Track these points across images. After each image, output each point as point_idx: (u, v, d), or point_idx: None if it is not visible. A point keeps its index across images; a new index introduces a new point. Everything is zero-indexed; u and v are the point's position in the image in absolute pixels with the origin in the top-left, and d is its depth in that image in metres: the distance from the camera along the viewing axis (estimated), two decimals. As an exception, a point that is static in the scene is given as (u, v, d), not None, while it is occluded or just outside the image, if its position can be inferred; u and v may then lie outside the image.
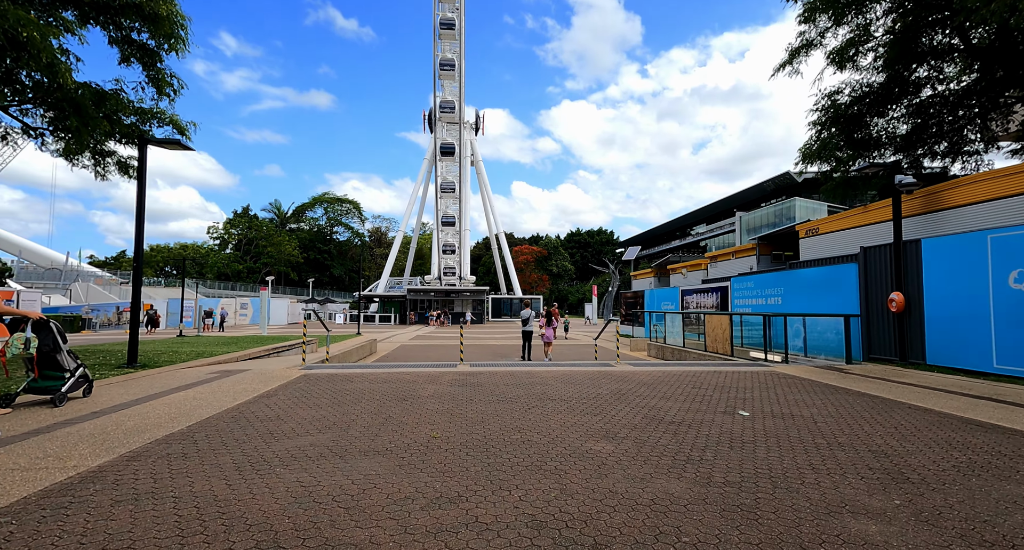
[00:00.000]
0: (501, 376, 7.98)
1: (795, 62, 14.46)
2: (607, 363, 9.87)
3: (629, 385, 7.15)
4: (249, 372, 8.12)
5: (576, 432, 4.56)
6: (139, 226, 8.24)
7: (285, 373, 8.00)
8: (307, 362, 9.37)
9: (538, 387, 6.97)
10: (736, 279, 15.20)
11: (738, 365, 9.43)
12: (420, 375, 8.00)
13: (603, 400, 6.06)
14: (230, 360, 10.33)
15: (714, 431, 4.62)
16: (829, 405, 5.79)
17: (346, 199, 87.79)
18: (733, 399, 6.14)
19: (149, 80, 12.90)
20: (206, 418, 4.97)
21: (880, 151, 16.03)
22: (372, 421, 4.95)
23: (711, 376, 7.97)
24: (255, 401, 5.85)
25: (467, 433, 4.52)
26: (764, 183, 60.17)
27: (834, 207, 55.98)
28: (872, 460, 3.75)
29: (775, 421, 5.01)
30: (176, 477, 3.29)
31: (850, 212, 13.66)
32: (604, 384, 7.22)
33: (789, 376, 8.01)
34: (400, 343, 21.52)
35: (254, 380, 7.33)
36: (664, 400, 6.07)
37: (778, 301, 13.00)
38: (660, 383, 7.30)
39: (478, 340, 22.99)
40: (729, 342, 11.01)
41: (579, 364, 9.68)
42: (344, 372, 8.22)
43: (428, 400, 6.03)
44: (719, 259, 17.89)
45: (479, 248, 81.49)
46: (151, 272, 71.43)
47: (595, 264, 76.60)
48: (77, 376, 5.67)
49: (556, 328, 22.06)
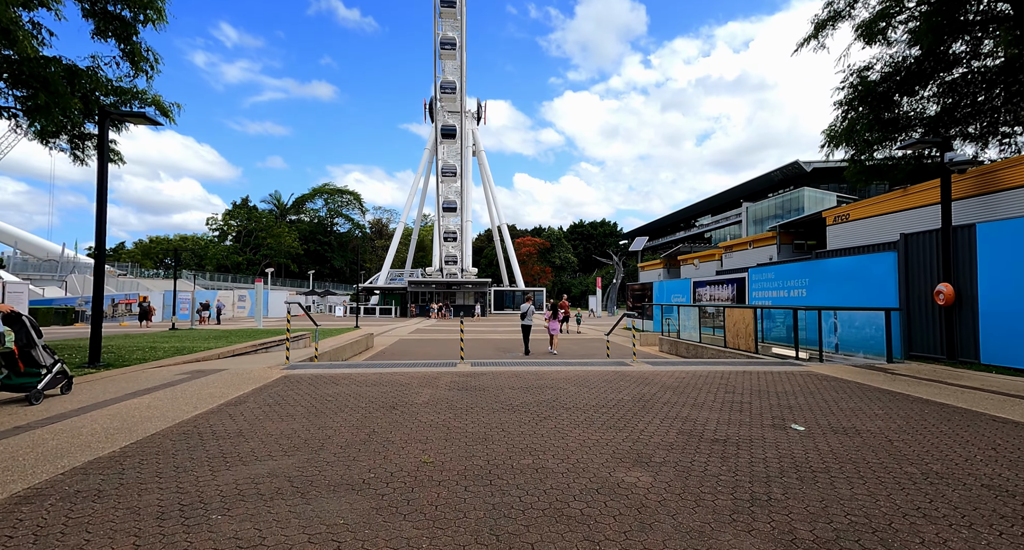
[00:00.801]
0: (506, 377, 7.12)
1: (821, 36, 13.41)
2: (622, 362, 9.00)
3: (652, 389, 6.28)
4: (224, 373, 7.28)
5: (601, 455, 3.69)
6: (100, 208, 7.37)
7: (264, 374, 7.15)
8: (291, 360, 8.53)
9: (548, 391, 6.10)
10: (755, 270, 14.27)
11: (767, 364, 8.55)
12: (415, 377, 7.15)
13: (625, 409, 5.19)
14: (210, 358, 9.50)
15: (770, 453, 3.74)
16: (894, 416, 4.91)
17: (347, 190, 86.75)
18: (777, 407, 5.27)
19: (123, 54, 11.98)
20: (150, 435, 4.12)
21: (908, 133, 15.01)
22: (352, 438, 4.10)
23: (742, 377, 7.09)
24: (218, 411, 5.00)
25: (466, 456, 3.66)
26: (772, 173, 59.01)
27: (843, 197, 54.92)
28: (996, 502, 2.86)
29: (839, 439, 4.14)
30: (69, 534, 2.43)
31: (887, 195, 12.69)
32: (623, 388, 6.35)
33: (830, 377, 7.12)
34: (399, 337, 20.70)
35: (226, 383, 6.48)
36: (697, 409, 5.20)
37: (802, 293, 12.08)
38: (687, 386, 6.43)
39: (480, 334, 22.15)
40: (753, 338, 10.13)
41: (592, 363, 8.82)
42: (330, 373, 7.37)
43: (422, 409, 5.17)
44: (734, 249, 16.95)
45: (481, 240, 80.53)
46: (150, 264, 70.87)
47: (599, 256, 75.60)
48: (55, 372, 5.50)
49: (567, 321, 21.02)
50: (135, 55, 11.95)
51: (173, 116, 13.66)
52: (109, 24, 11.73)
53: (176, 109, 13.77)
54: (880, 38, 13.32)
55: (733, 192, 67.57)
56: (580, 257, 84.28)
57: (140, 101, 13.35)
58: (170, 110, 13.60)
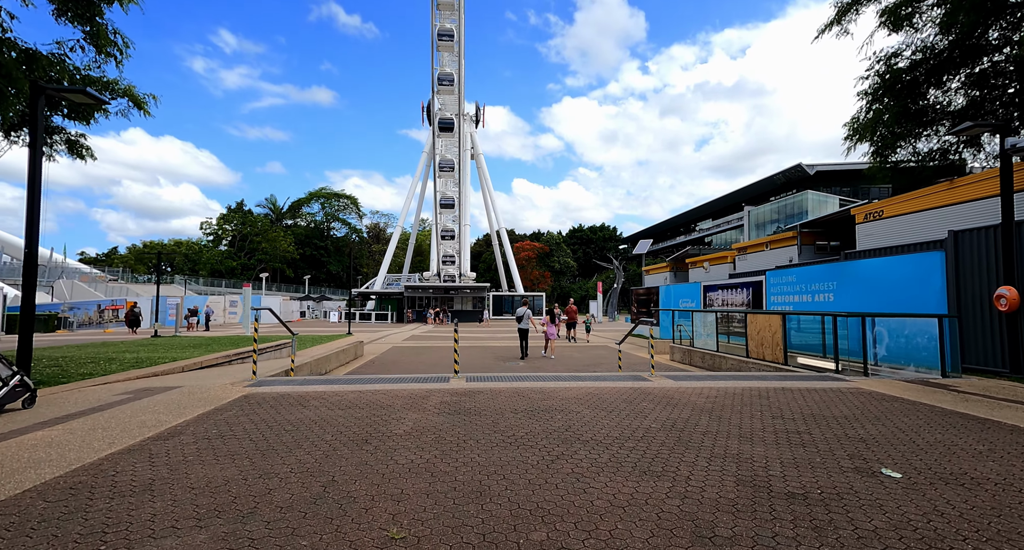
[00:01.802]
0: (506, 397, 6.05)
1: (844, 20, 12.48)
2: (639, 376, 7.92)
3: (683, 412, 5.21)
4: (175, 391, 6.20)
5: (642, 524, 2.63)
6: (32, 200, 6.32)
7: (221, 393, 6.07)
8: (259, 375, 7.43)
9: (558, 417, 5.03)
10: (773, 273, 13.24)
11: (804, 378, 7.49)
12: (400, 396, 6.07)
13: (657, 442, 4.13)
14: (171, 371, 8.41)
15: (878, 521, 2.68)
16: (1003, 453, 3.85)
17: (344, 194, 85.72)
18: (846, 440, 4.21)
19: (87, 37, 10.98)
20: (21, 492, 3.02)
21: (934, 127, 14.06)
22: (301, 492, 3.03)
23: (784, 397, 6.03)
24: (140, 448, 3.92)
25: (454, 526, 2.59)
26: (774, 176, 58.21)
27: (846, 200, 54.09)
28: None
29: (957, 493, 3.08)
30: None
31: (930, 188, 11.70)
32: (648, 410, 5.29)
33: (887, 397, 6.06)
34: (392, 344, 19.60)
35: (170, 406, 5.40)
36: (747, 442, 4.14)
37: (829, 298, 11.05)
38: (723, 409, 5.36)
39: (478, 341, 21.06)
40: (781, 347, 9.09)
41: (604, 377, 7.74)
42: (301, 391, 6.29)
43: (402, 443, 4.10)
44: (749, 251, 15.95)
45: (480, 245, 79.55)
46: (143, 269, 69.61)
47: (599, 260, 74.65)
48: (12, 385, 5.16)
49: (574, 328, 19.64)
50: (100, 37, 10.94)
51: (148, 108, 12.70)
52: (70, 4, 10.73)
53: (152, 100, 12.82)
54: (907, 24, 12.40)
55: (735, 196, 66.75)
56: (579, 261, 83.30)
57: (111, 91, 12.36)
58: (144, 102, 12.63)
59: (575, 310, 19.81)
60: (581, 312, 54.89)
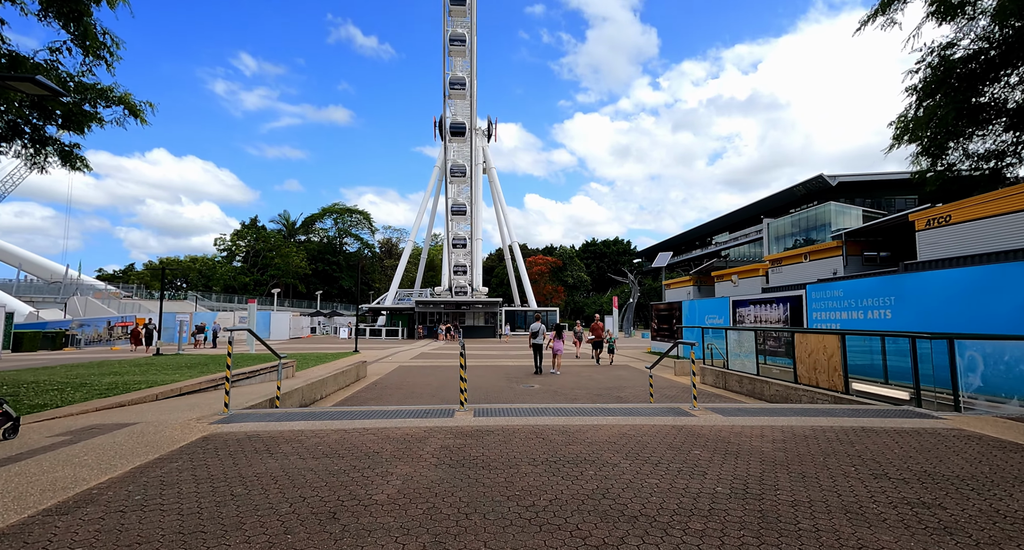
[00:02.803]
0: (522, 439, 4.91)
1: (890, 11, 11.38)
2: (677, 408, 6.71)
3: (751, 466, 4.02)
4: (126, 431, 5.17)
5: None
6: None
7: (178, 433, 5.03)
8: (233, 408, 6.38)
9: (590, 472, 3.88)
10: (815, 287, 11.94)
11: (881, 414, 6.21)
12: (392, 437, 4.97)
13: (733, 521, 2.96)
14: (142, 400, 7.43)
15: None
16: None
17: (356, 210, 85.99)
18: (998, 518, 2.99)
19: (74, 38, 10.37)
20: None
21: (989, 126, 12.78)
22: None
23: (872, 442, 4.78)
24: (19, 529, 2.86)
25: None
26: (794, 188, 56.67)
27: (869, 212, 52.28)
28: None
29: None
30: None
31: (1013, 189, 10.37)
32: (705, 463, 4.10)
33: (1011, 444, 4.78)
34: (399, 363, 18.52)
35: (105, 454, 4.37)
36: (860, 523, 2.94)
37: (885, 315, 9.74)
38: (803, 462, 4.15)
39: (490, 359, 19.90)
40: (840, 373, 7.80)
41: (638, 411, 6.55)
42: (274, 430, 5.23)
43: (381, 520, 2.99)
44: (784, 262, 14.66)
45: (492, 259, 78.72)
46: (158, 285, 69.84)
47: (613, 274, 73.21)
48: None
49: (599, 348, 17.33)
50: (87, 38, 10.31)
51: (144, 116, 12.05)
52: (54, 3, 10.13)
53: (148, 108, 12.18)
54: (959, 13, 11.27)
55: (752, 208, 65.15)
56: (593, 276, 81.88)
57: (105, 99, 11.74)
58: (141, 110, 11.98)
59: (602, 327, 17.48)
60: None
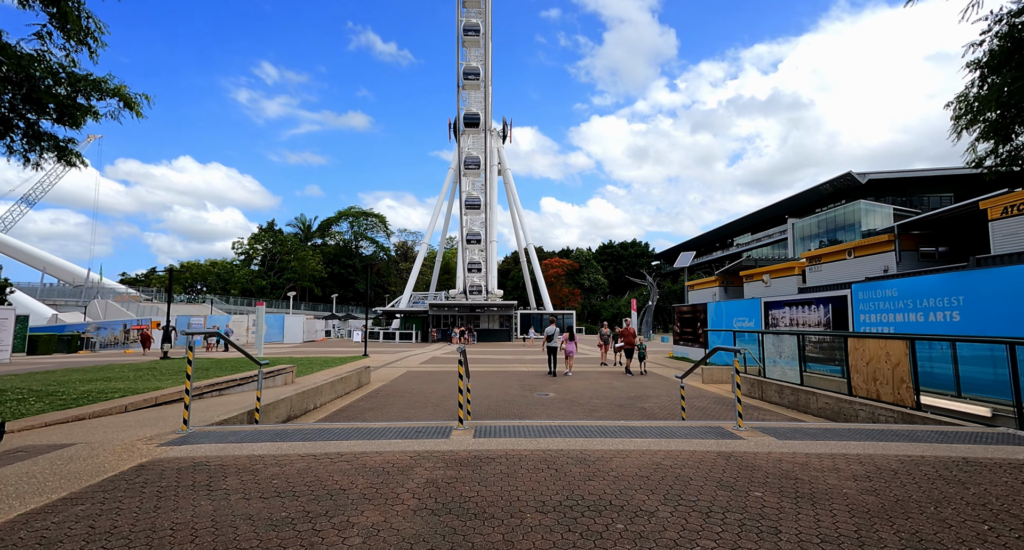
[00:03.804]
0: (530, 469, 3.91)
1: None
2: (719, 428, 5.62)
3: (839, 520, 2.95)
4: (49, 456, 4.32)
5: None
6: None
7: (111, 459, 4.17)
8: (194, 424, 5.51)
9: (618, 528, 2.86)
10: (863, 286, 10.68)
11: (981, 439, 5.04)
12: (366, 468, 4.01)
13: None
14: (107, 412, 6.65)
15: None
16: None
17: (372, 213, 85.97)
18: None
19: (52, 18, 9.74)
20: None
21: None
22: None
23: (990, 480, 3.66)
24: None
25: None
26: (821, 186, 54.60)
27: (901, 210, 49.96)
28: None
29: None
30: None
31: None
32: (775, 514, 3.05)
33: None
34: (408, 368, 17.66)
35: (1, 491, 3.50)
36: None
37: (951, 317, 8.48)
38: (908, 514, 3.07)
39: (503, 364, 18.92)
40: (909, 385, 6.62)
41: (671, 430, 5.49)
42: (229, 456, 4.32)
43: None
44: (824, 260, 13.34)
45: (507, 262, 77.82)
46: (179, 289, 70.67)
47: (631, 276, 71.62)
48: None
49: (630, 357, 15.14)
50: (67, 19, 9.66)
51: (140, 109, 11.41)
52: (32, -20, 9.50)
53: (144, 100, 11.53)
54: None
55: (776, 208, 63.03)
56: (610, 278, 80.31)
57: (99, 91, 11.11)
58: (137, 102, 11.34)
59: (633, 332, 15.30)
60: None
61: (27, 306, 39.95)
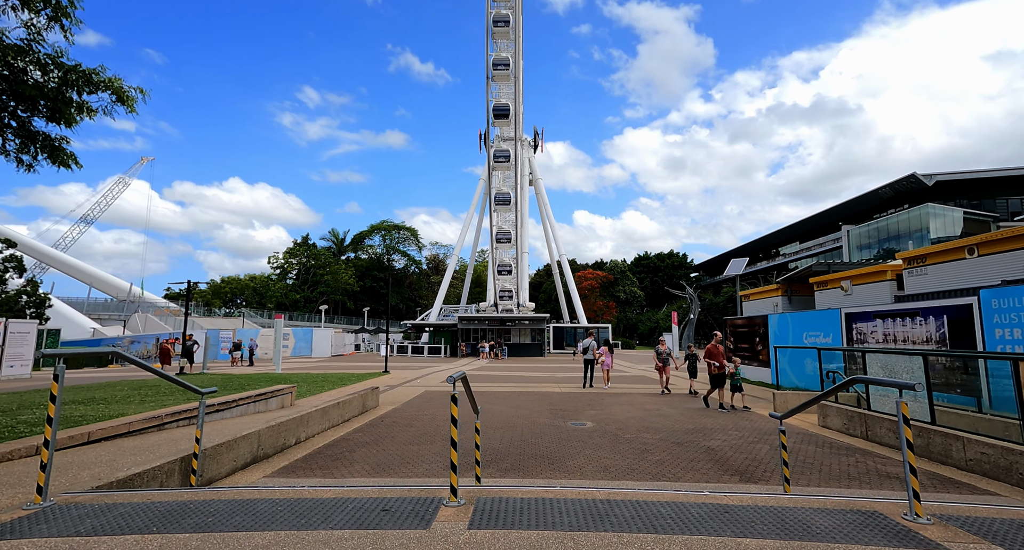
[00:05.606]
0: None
1: None
2: (876, 514, 3.51)
3: None
4: None
5: None
6: None
7: None
8: (52, 494, 3.85)
9: None
10: (996, 292, 8.19)
11: None
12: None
13: None
14: (29, 452, 5.14)
15: None
16: None
17: (404, 226, 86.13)
18: None
19: None
20: None
21: None
22: None
23: None
24: None
25: None
26: (880, 190, 50.28)
27: (972, 215, 45.14)
28: None
29: None
30: None
31: None
32: None
33: None
34: (427, 387, 15.92)
35: None
36: None
37: None
38: None
39: (533, 384, 16.92)
40: None
41: (795, 519, 3.43)
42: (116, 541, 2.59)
43: None
44: (930, 261, 10.81)
45: (540, 275, 75.84)
46: (219, 303, 72.04)
47: (670, 288, 68.15)
48: None
49: (722, 386, 11.30)
50: (34, -11, 8.59)
51: (134, 105, 10.31)
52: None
53: (140, 95, 10.44)
54: None
55: (827, 215, 58.63)
56: (647, 291, 76.91)
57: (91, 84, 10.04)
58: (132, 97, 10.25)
59: (721, 352, 11.59)
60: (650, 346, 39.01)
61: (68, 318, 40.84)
